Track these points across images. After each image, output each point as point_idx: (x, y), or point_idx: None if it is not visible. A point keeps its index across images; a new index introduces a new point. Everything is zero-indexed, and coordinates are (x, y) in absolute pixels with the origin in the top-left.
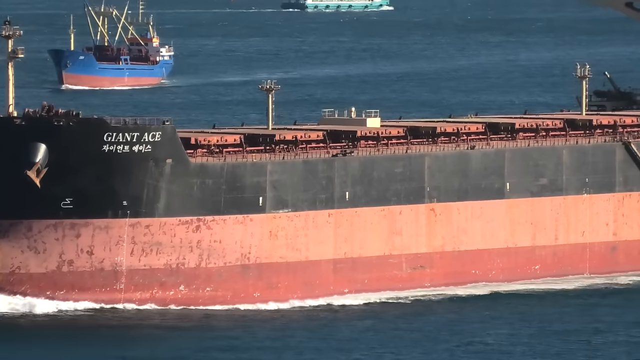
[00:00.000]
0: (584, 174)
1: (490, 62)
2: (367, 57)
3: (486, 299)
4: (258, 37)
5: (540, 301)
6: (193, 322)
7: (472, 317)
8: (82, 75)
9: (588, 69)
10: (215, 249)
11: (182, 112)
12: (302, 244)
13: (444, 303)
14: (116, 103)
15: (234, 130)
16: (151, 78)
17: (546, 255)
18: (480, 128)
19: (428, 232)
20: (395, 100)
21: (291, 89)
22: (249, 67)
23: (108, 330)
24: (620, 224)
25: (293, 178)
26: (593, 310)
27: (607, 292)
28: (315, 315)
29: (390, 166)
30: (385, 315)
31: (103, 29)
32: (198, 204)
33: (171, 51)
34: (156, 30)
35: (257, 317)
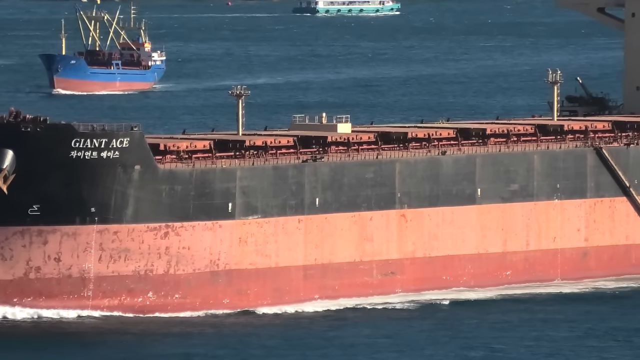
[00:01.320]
0: (555, 179)
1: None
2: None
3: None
4: (259, 42)
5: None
6: (157, 329)
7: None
8: (74, 80)
9: (559, 74)
10: (184, 256)
11: (174, 116)
12: (272, 250)
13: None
14: (102, 107)
15: (203, 136)
16: (143, 83)
17: (517, 261)
18: (451, 134)
19: (399, 238)
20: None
21: (290, 93)
22: (248, 72)
23: (75, 337)
24: (591, 229)
25: (263, 184)
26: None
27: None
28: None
29: (361, 172)
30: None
31: (95, 33)
32: (167, 210)
33: (163, 56)
34: (148, 35)
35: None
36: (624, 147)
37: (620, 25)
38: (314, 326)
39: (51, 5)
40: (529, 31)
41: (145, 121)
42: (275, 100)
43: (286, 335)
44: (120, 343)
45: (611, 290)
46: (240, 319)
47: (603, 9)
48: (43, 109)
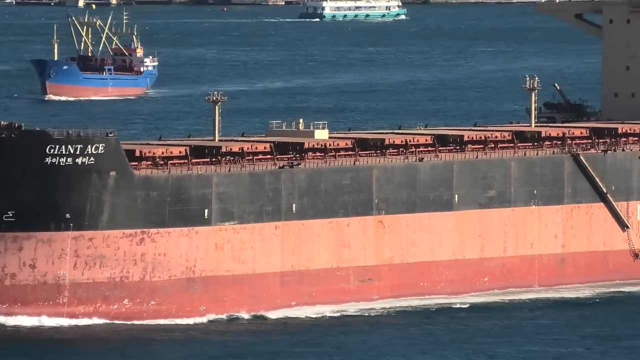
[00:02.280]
0: (533, 185)
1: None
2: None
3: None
4: (256, 47)
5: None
6: (132, 336)
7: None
8: (66, 86)
9: (537, 80)
10: (160, 262)
11: (165, 122)
12: (249, 257)
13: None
14: (90, 113)
15: (179, 142)
16: (135, 88)
17: (495, 267)
18: (428, 140)
19: (376, 245)
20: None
21: (288, 98)
22: (243, 77)
23: (50, 343)
24: (568, 235)
25: (239, 190)
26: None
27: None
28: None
29: (338, 178)
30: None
31: (87, 39)
32: (142, 217)
33: (155, 61)
34: (141, 40)
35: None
36: (602, 153)
37: (598, 31)
38: (285, 334)
39: (45, 10)
40: (527, 36)
41: (136, 126)
42: (274, 105)
43: (267, 341)
44: (95, 350)
45: (588, 297)
46: (217, 326)
47: (581, 15)
48: (34, 115)
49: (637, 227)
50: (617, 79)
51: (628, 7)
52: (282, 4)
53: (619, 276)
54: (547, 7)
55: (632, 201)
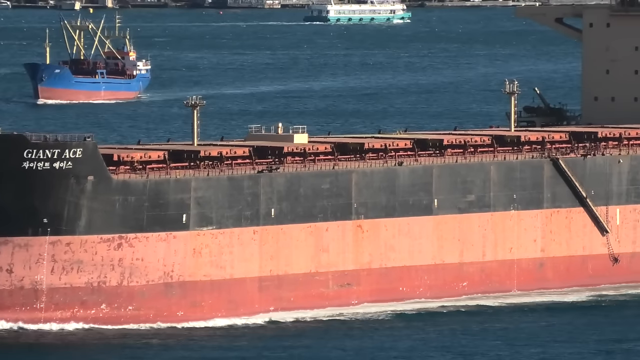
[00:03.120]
0: (512, 190)
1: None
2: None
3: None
4: (253, 50)
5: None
6: (109, 341)
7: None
8: (58, 89)
9: (517, 84)
10: (138, 267)
11: (157, 125)
12: (227, 262)
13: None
14: (86, 116)
15: (158, 147)
16: (128, 92)
17: (474, 272)
18: (408, 144)
19: (355, 249)
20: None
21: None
22: (242, 80)
23: (28, 349)
24: (548, 240)
25: (218, 195)
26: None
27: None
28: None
29: (317, 182)
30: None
31: (79, 42)
32: (120, 222)
33: (148, 65)
34: (135, 44)
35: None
36: (581, 158)
37: (578, 35)
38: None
39: (42, 13)
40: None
41: (127, 130)
42: (272, 108)
43: (242, 347)
44: (72, 356)
45: (567, 302)
46: (195, 331)
47: (561, 19)
48: (26, 118)
49: (617, 231)
50: (597, 82)
51: (608, 11)
52: (279, 7)
53: (599, 281)
54: (527, 11)
55: (611, 206)
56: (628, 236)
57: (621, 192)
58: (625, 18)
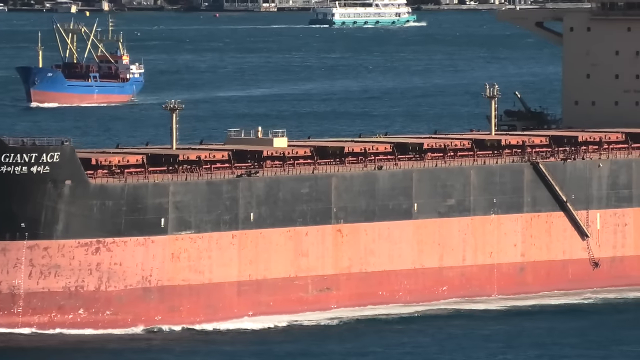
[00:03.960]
0: (492, 194)
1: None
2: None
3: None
4: (249, 53)
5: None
6: (87, 346)
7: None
8: (51, 93)
9: (497, 88)
10: (116, 272)
11: (148, 129)
12: (205, 266)
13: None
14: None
15: (136, 150)
16: (121, 95)
17: (454, 277)
18: (388, 148)
19: (334, 254)
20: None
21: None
22: (240, 83)
23: (5, 353)
24: (528, 244)
25: (196, 199)
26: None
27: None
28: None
29: (296, 187)
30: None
31: (72, 46)
32: (98, 226)
33: (141, 68)
34: (131, 47)
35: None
36: (561, 162)
37: (559, 39)
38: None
39: (37, 16)
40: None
41: (118, 133)
42: (269, 112)
43: (220, 352)
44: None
45: (548, 306)
46: (174, 336)
47: (542, 23)
48: (18, 121)
49: (597, 236)
50: (578, 86)
51: (589, 15)
52: (275, 10)
53: (579, 285)
54: (508, 14)
55: (591, 210)
56: (608, 240)
57: (601, 196)
58: (606, 22)
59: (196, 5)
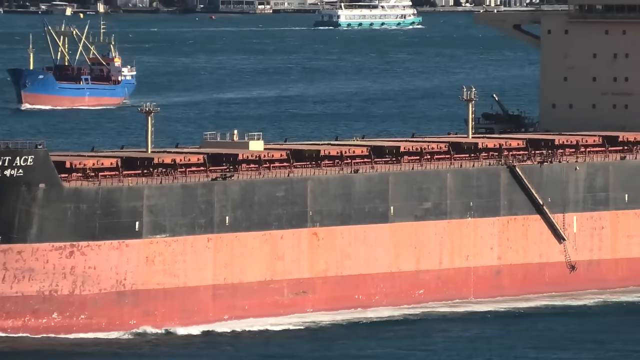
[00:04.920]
0: (469, 197)
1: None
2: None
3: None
4: (244, 55)
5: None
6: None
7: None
8: (42, 95)
9: (474, 91)
10: (90, 275)
11: (138, 132)
12: (180, 270)
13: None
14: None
15: (111, 154)
16: (112, 98)
17: (430, 280)
18: (364, 151)
19: (310, 257)
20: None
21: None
22: (233, 85)
23: None
24: (504, 247)
25: (171, 202)
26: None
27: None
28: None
29: (272, 190)
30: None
31: (63, 48)
32: (72, 230)
33: (133, 71)
34: (125, 49)
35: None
36: (538, 165)
37: (537, 42)
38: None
39: (33, 19)
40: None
41: (107, 136)
42: (265, 114)
43: (193, 355)
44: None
45: (523, 310)
46: (148, 340)
47: (519, 25)
48: (9, 124)
49: (574, 239)
50: (555, 90)
51: (566, 17)
52: (270, 12)
53: (556, 288)
54: (486, 17)
55: (568, 213)
56: (585, 244)
57: (578, 199)
58: (583, 25)
59: (192, 7)
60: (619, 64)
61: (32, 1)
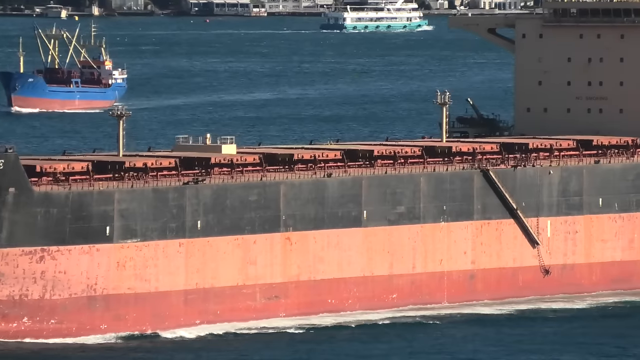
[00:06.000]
0: (442, 201)
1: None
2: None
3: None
4: (238, 58)
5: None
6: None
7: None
8: (32, 98)
9: (448, 95)
10: (60, 280)
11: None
12: (152, 275)
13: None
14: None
15: (82, 157)
16: (103, 101)
17: (403, 284)
18: (337, 155)
19: (283, 262)
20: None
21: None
22: (218, 89)
23: None
24: (478, 252)
25: (142, 207)
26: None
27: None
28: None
29: (245, 194)
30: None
31: (54, 51)
32: (42, 234)
33: (124, 74)
34: (120, 52)
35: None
36: (511, 169)
37: (511, 46)
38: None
39: (28, 21)
40: None
41: (95, 139)
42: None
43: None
44: None
45: (495, 314)
46: (118, 345)
47: (494, 29)
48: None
49: (547, 243)
50: (530, 93)
51: (540, 21)
52: (265, 15)
53: (529, 292)
54: (460, 21)
55: (542, 217)
56: (559, 248)
57: (552, 203)
58: (558, 29)
59: (186, 10)
60: (594, 68)
61: (27, 4)
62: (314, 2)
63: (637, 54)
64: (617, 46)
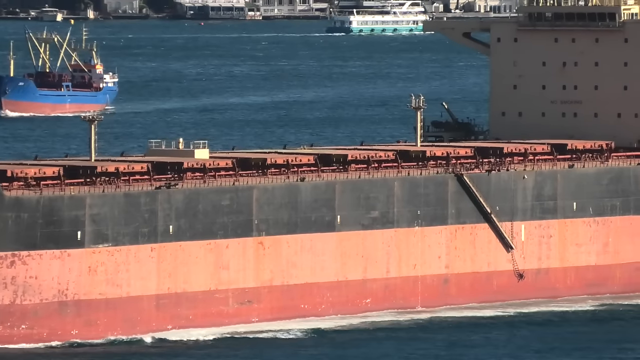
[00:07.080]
0: (416, 206)
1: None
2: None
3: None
4: (234, 61)
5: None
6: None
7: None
8: (22, 102)
9: (423, 99)
10: (31, 285)
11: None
12: (123, 280)
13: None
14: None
15: (53, 162)
16: (94, 105)
17: (377, 289)
18: (311, 160)
19: (256, 266)
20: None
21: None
22: (223, 91)
23: None
24: (452, 256)
25: (114, 211)
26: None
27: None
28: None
29: (217, 199)
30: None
31: (44, 55)
32: (13, 239)
33: (115, 77)
34: (114, 54)
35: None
36: (485, 173)
37: (486, 50)
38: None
39: (23, 25)
40: None
41: (82, 143)
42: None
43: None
44: None
45: (472, 318)
46: (90, 350)
47: (469, 33)
48: None
49: (522, 247)
50: (505, 98)
51: (515, 25)
52: (260, 19)
53: (504, 297)
54: (435, 25)
55: (516, 221)
56: (533, 252)
57: (526, 208)
58: (533, 33)
59: (181, 13)
60: (568, 72)
61: (22, 8)
62: (309, 5)
63: (612, 58)
64: (591, 50)
